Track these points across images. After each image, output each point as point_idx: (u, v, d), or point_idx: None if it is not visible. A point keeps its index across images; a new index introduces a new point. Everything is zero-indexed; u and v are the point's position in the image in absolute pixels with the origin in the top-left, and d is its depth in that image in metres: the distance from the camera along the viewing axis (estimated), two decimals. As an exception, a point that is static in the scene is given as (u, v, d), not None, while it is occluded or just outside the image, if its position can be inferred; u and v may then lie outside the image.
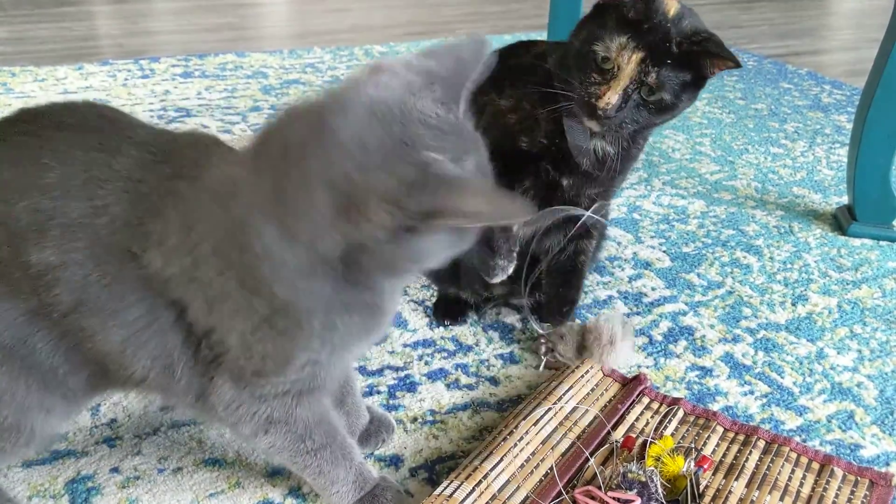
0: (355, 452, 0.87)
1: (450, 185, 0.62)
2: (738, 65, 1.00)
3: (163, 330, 0.73)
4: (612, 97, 1.00)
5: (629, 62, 1.00)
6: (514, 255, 1.12)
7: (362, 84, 0.66)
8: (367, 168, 0.62)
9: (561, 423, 0.98)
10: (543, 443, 0.94)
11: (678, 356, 1.20)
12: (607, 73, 1.01)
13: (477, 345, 1.21)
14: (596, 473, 0.91)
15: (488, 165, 0.70)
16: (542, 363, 1.15)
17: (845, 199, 1.71)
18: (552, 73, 1.06)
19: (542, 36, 2.10)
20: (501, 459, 0.90)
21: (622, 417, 1.01)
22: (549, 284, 1.21)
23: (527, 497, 0.87)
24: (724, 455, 0.96)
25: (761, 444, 0.98)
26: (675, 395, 1.11)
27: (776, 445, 0.97)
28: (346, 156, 0.62)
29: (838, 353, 1.22)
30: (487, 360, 1.18)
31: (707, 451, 0.96)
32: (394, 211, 0.62)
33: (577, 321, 1.23)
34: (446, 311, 1.27)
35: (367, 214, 0.63)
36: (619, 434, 0.98)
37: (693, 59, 1.01)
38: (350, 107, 0.64)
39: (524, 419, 0.96)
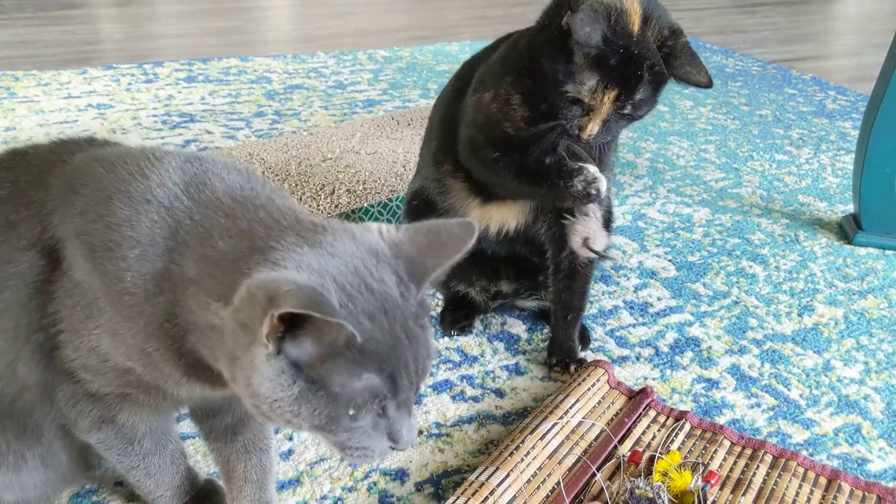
0: (184, 460, 0.86)
1: (288, 284, 0.57)
2: (710, 84, 1.04)
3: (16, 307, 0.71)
4: (593, 129, 1.04)
5: (603, 103, 1.02)
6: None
7: (345, 228, 0.65)
8: (269, 260, 0.61)
9: (567, 438, 0.97)
10: (550, 457, 0.94)
11: (684, 368, 1.19)
12: (584, 106, 1.02)
13: (482, 355, 1.21)
14: (603, 489, 0.90)
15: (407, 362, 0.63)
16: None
17: (851, 208, 1.71)
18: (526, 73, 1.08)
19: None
20: (508, 475, 0.89)
21: (629, 431, 1.01)
22: (553, 290, 1.20)
23: (534, 513, 0.86)
24: (732, 470, 0.96)
25: (768, 458, 0.97)
26: (682, 407, 1.10)
27: (783, 460, 0.97)
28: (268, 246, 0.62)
29: (845, 364, 1.21)
30: (493, 372, 1.17)
31: (714, 466, 0.96)
32: (249, 302, 0.58)
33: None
34: (453, 320, 1.27)
35: (231, 296, 0.60)
36: (625, 448, 0.98)
37: (664, 74, 1.03)
38: (318, 233, 0.63)
39: (530, 433, 0.96)
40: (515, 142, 1.08)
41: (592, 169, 1.07)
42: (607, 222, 1.28)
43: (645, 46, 1.00)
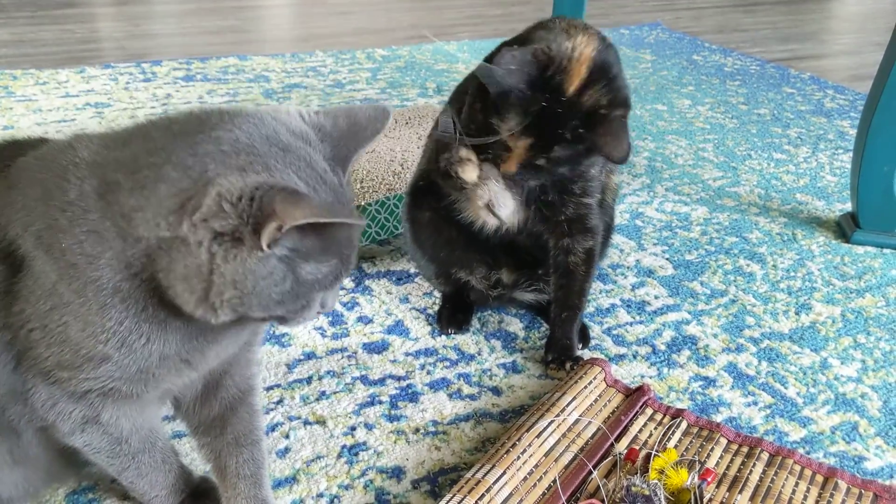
0: (176, 457, 0.85)
1: (286, 190, 0.61)
2: (623, 160, 1.02)
3: None
4: (510, 167, 1.04)
5: (517, 147, 1.02)
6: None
7: (262, 111, 0.68)
8: (223, 164, 0.62)
9: (564, 435, 0.97)
10: (546, 455, 0.94)
11: (681, 366, 1.19)
12: (504, 144, 1.03)
13: (479, 354, 1.21)
14: (599, 486, 0.90)
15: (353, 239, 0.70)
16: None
17: (849, 206, 1.71)
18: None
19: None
20: (504, 472, 0.89)
21: (625, 429, 1.01)
22: (552, 287, 1.21)
23: (530, 511, 0.86)
24: (728, 467, 0.96)
25: (765, 456, 0.97)
26: (679, 405, 1.10)
27: (780, 458, 0.97)
28: (210, 148, 0.63)
29: (842, 363, 1.21)
30: (490, 370, 1.17)
31: (711, 464, 0.96)
32: (227, 208, 0.61)
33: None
34: (451, 318, 1.27)
35: (200, 204, 0.62)
36: (622, 446, 0.98)
37: (589, 138, 1.02)
38: (240, 118, 0.66)
39: (527, 431, 0.96)
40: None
41: (463, 152, 1.06)
42: (606, 234, 1.29)
43: (572, 108, 0.99)
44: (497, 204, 1.10)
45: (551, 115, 0.99)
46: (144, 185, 0.64)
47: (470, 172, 1.08)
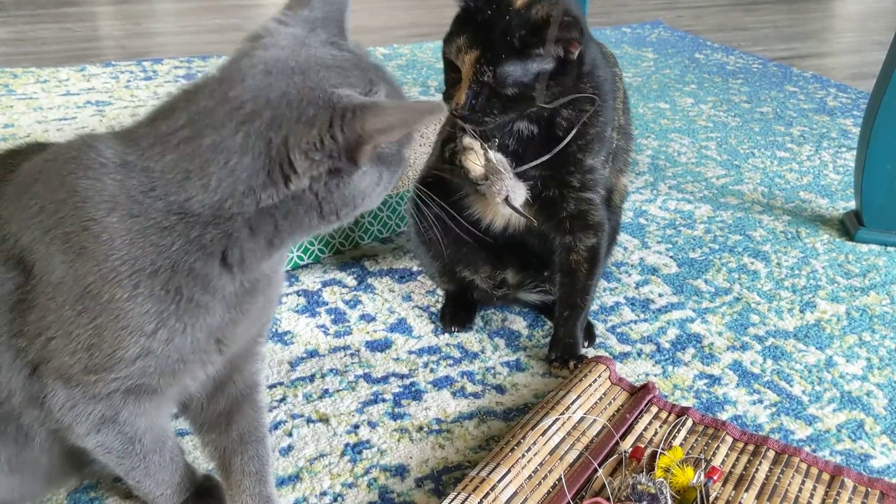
0: (182, 456, 0.84)
1: (361, 110, 0.63)
2: (580, 40, 0.99)
3: None
4: (460, 97, 1.02)
5: (465, 63, 1.01)
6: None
7: (249, 52, 0.67)
8: (280, 124, 0.63)
9: (569, 434, 0.97)
10: (551, 453, 0.93)
11: (686, 364, 1.19)
12: (458, 73, 1.02)
13: (483, 352, 1.20)
14: (605, 484, 0.90)
15: (400, 90, 0.71)
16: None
17: (852, 204, 1.70)
18: None
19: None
20: (509, 471, 0.89)
21: (631, 427, 1.00)
22: (558, 286, 1.20)
23: (535, 509, 0.86)
24: (734, 466, 0.95)
25: (771, 454, 0.97)
26: (684, 403, 1.10)
27: (786, 456, 0.96)
28: (256, 119, 0.63)
29: (847, 361, 1.21)
30: (493, 368, 1.17)
31: (716, 462, 0.95)
32: (317, 156, 0.63)
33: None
34: (454, 316, 1.26)
35: (293, 169, 0.64)
36: (627, 444, 0.97)
37: (538, 48, 1.00)
38: (246, 73, 0.65)
39: (531, 429, 0.95)
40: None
41: (466, 140, 1.07)
42: (613, 235, 1.28)
43: (520, 18, 0.99)
44: (512, 196, 1.09)
45: (498, 25, 0.99)
46: (219, 183, 0.64)
47: (474, 161, 1.07)
